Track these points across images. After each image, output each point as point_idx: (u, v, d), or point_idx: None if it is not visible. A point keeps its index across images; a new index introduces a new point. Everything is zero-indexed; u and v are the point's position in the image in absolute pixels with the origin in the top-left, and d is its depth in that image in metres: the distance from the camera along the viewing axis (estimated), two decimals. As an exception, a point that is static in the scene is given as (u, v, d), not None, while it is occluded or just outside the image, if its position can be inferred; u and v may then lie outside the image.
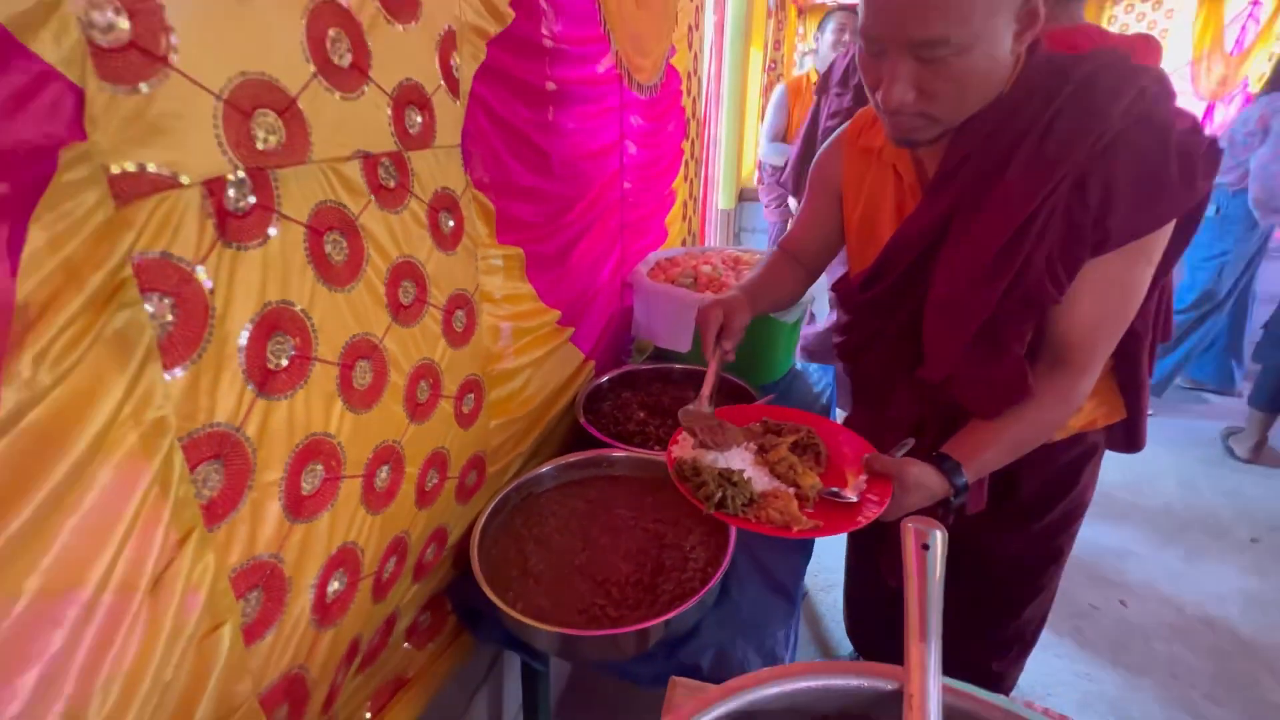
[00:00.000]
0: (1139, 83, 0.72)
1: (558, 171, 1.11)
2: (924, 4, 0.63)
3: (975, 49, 0.66)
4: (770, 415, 0.95)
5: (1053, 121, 0.72)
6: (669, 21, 1.51)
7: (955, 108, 0.71)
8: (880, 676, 0.43)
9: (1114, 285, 0.75)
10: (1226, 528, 2.11)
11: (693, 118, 2.05)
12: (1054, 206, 0.71)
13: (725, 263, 1.65)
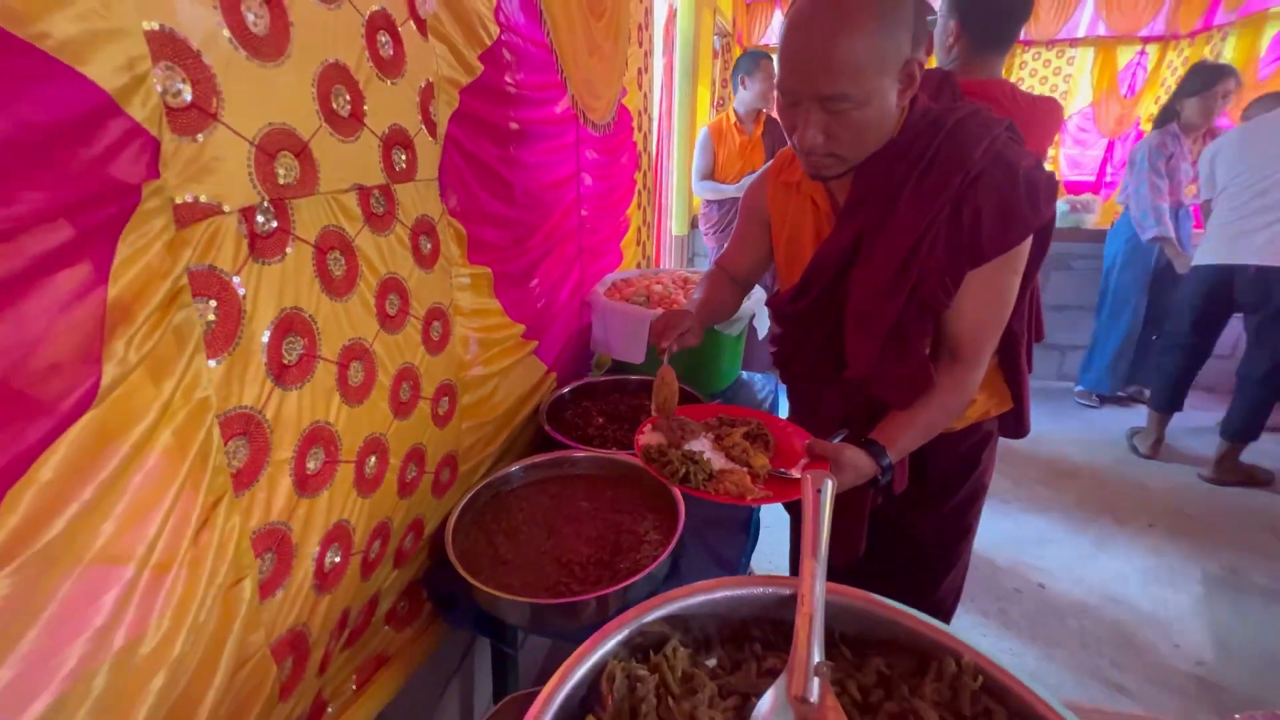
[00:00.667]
0: (993, 131, 0.91)
1: (521, 201, 1.24)
2: (829, 67, 0.79)
3: (869, 103, 0.82)
4: (724, 412, 1.08)
5: (931, 161, 0.88)
6: (620, 67, 1.67)
7: (856, 149, 0.88)
8: (781, 585, 0.55)
9: (990, 291, 0.92)
10: (1129, 515, 2.36)
11: (644, 151, 2.23)
12: (938, 230, 0.88)
13: (675, 282, 1.80)
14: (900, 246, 0.89)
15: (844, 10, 0.77)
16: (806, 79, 0.81)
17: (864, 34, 0.77)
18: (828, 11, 0.78)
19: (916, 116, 0.90)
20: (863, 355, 0.97)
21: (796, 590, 0.54)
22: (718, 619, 0.56)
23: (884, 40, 0.78)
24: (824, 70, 0.79)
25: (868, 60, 0.78)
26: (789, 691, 0.47)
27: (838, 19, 0.78)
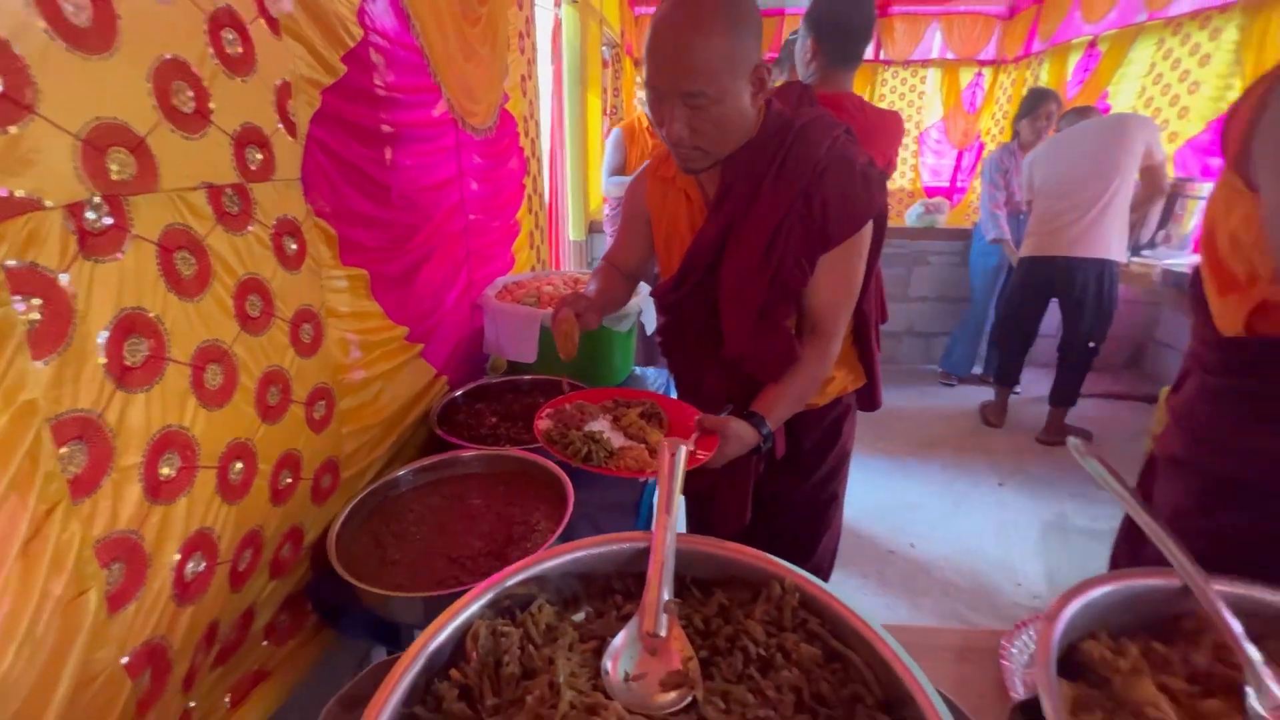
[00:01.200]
0: (834, 132, 1.04)
1: (397, 202, 1.23)
2: (687, 65, 0.88)
3: (725, 102, 0.91)
4: (619, 395, 1.14)
5: (785, 157, 1.00)
6: (499, 73, 1.70)
7: (718, 144, 0.97)
8: (637, 540, 0.61)
9: (841, 272, 1.04)
10: (982, 477, 2.68)
11: (532, 156, 2.26)
12: (793, 219, 0.99)
13: (567, 283, 1.85)
14: (763, 233, 1.00)
15: (699, 16, 0.87)
16: (668, 76, 0.90)
17: (716, 37, 0.87)
18: (686, 16, 0.87)
19: (772, 118, 1.02)
20: (738, 334, 1.07)
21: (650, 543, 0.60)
22: (582, 577, 0.61)
23: (734, 45, 0.88)
24: (682, 68, 0.88)
25: (720, 62, 0.88)
26: (640, 628, 0.53)
27: (694, 23, 0.87)
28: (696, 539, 0.62)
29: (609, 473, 0.94)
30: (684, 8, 0.89)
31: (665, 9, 0.90)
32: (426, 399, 1.38)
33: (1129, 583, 0.56)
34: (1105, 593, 0.55)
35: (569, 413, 1.06)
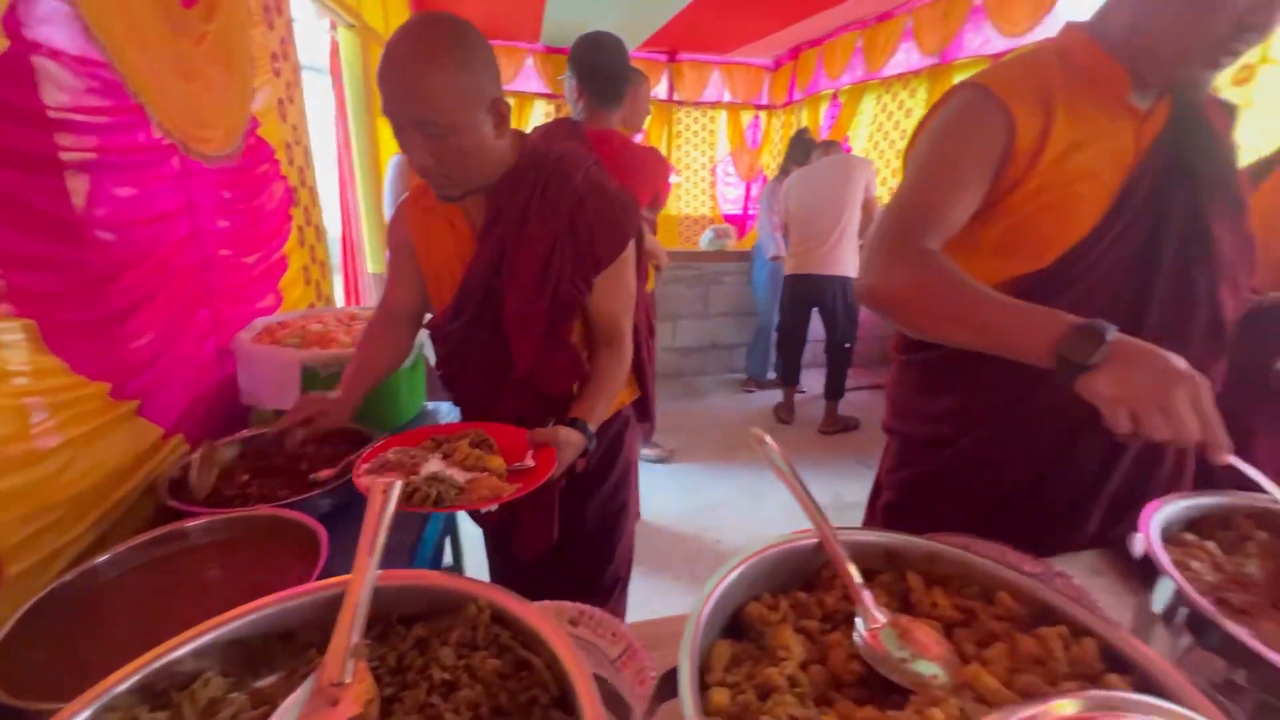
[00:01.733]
0: (585, 164, 1.12)
1: (90, 239, 1.06)
2: (415, 96, 0.89)
3: (463, 133, 0.94)
4: (435, 433, 1.09)
5: (545, 186, 1.06)
6: (240, 96, 1.55)
7: (465, 172, 1.00)
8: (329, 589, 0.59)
9: (618, 286, 1.14)
10: (776, 470, 3.01)
11: (301, 185, 2.09)
12: (563, 242, 1.06)
13: (341, 320, 1.73)
14: (537, 256, 1.05)
15: (427, 48, 0.89)
16: (398, 106, 0.91)
17: (444, 70, 0.89)
18: (413, 48, 0.89)
19: (528, 150, 1.07)
20: (527, 354, 1.10)
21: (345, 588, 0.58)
22: (268, 635, 0.56)
23: (463, 78, 0.91)
24: (412, 98, 0.89)
25: (450, 94, 0.90)
26: (321, 680, 0.50)
27: (421, 55, 0.89)
28: (400, 573, 0.61)
29: (466, 508, 0.90)
30: (411, 40, 0.90)
31: (395, 39, 0.91)
32: (150, 464, 1.19)
33: (782, 547, 0.67)
34: (763, 559, 0.65)
35: (394, 461, 0.99)
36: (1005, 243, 0.89)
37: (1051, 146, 0.83)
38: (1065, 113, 0.84)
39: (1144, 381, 0.64)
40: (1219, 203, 0.86)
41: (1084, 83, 0.85)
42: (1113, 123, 0.84)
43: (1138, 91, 0.84)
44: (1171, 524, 0.74)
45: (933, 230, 0.86)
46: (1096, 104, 0.84)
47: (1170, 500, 0.73)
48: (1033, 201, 0.85)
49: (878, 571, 0.68)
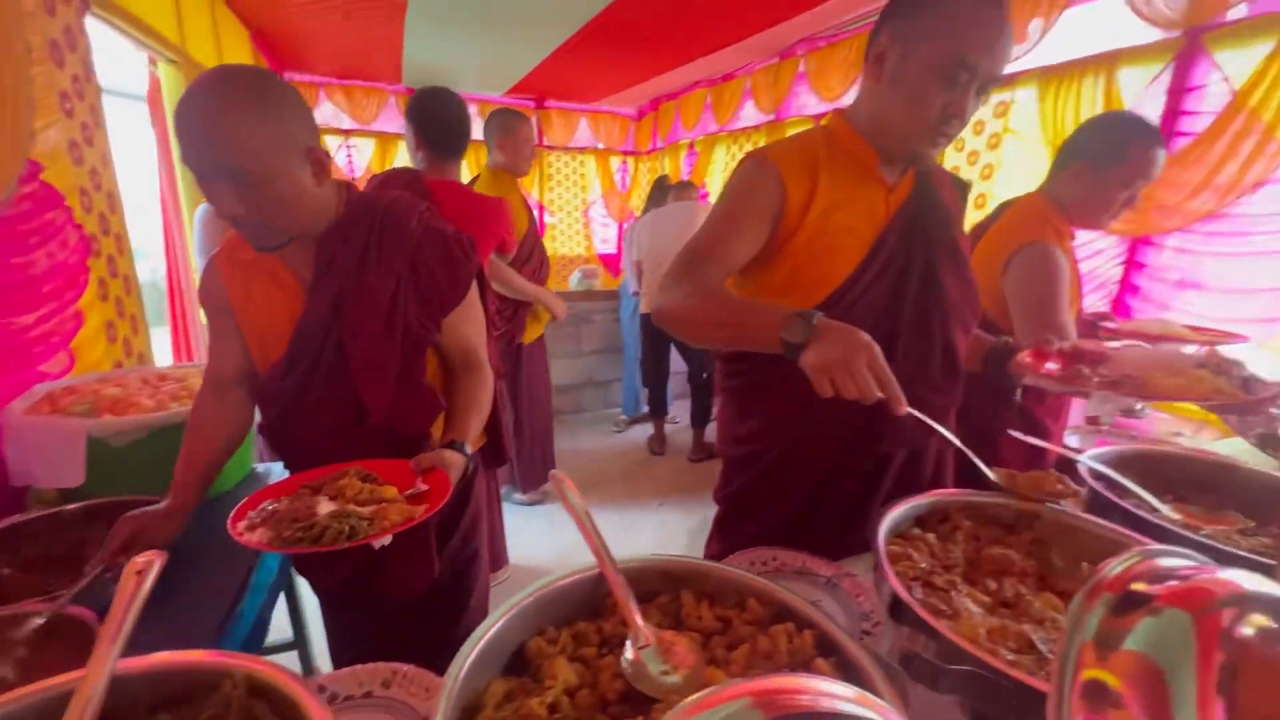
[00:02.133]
0: (418, 208, 1.13)
1: None
2: (223, 144, 0.86)
3: (275, 181, 0.91)
4: (305, 480, 1.02)
5: (381, 232, 1.06)
6: (15, 140, 1.40)
7: (284, 220, 0.97)
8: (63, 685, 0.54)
9: (466, 318, 1.16)
10: (647, 498, 3.09)
11: (104, 233, 1.90)
12: (406, 285, 1.07)
13: (147, 381, 1.56)
14: (381, 301, 1.04)
15: (230, 95, 0.87)
16: (204, 154, 0.88)
17: (250, 116, 0.87)
18: (217, 96, 0.87)
19: (355, 199, 1.07)
20: (381, 399, 1.07)
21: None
22: None
23: (270, 124, 0.89)
24: (218, 147, 0.87)
25: (258, 140, 0.88)
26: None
27: (226, 103, 0.87)
28: (146, 658, 0.57)
29: (381, 536, 0.86)
30: (216, 87, 0.88)
31: (195, 88, 0.88)
32: None
33: (563, 582, 0.71)
34: (542, 596, 0.69)
35: (284, 509, 0.92)
36: (787, 283, 1.06)
37: (816, 205, 1.02)
38: (827, 179, 1.02)
39: (835, 352, 0.79)
40: (946, 258, 1.08)
41: (843, 157, 1.04)
42: (866, 189, 1.05)
43: (885, 166, 1.05)
44: (903, 522, 0.88)
45: (713, 265, 1.02)
46: (853, 174, 1.04)
47: (900, 503, 0.87)
48: (805, 250, 1.03)
49: (657, 593, 0.74)
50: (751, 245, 1.04)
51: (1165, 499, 1.03)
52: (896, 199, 1.06)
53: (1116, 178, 1.38)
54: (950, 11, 0.90)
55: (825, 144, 1.05)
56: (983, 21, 0.90)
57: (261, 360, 1.13)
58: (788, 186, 1.01)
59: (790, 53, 4.05)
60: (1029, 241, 1.40)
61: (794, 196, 1.01)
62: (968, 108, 0.94)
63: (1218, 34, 1.95)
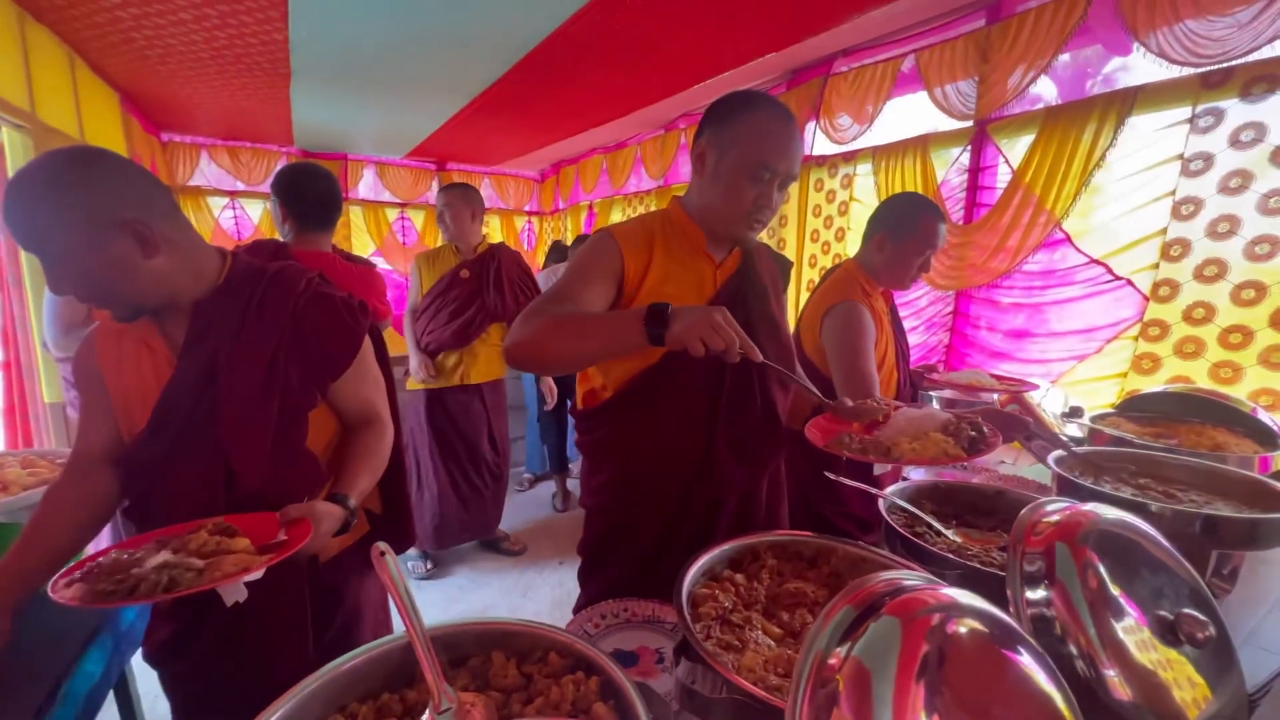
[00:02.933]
0: (308, 275, 1.14)
1: None
2: (16, 227, 0.90)
3: (83, 255, 0.91)
4: (162, 535, 0.96)
5: (263, 298, 1.06)
6: None
7: (115, 293, 0.96)
8: None
9: (363, 375, 1.18)
10: (546, 559, 3.05)
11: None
12: (287, 350, 1.06)
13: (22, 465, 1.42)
14: (257, 365, 1.04)
15: (20, 182, 0.89)
16: (18, 239, 0.91)
17: (34, 201, 0.89)
18: (13, 182, 0.89)
19: (240, 267, 1.08)
20: (254, 467, 1.04)
21: None
22: None
23: (59, 206, 0.89)
24: (12, 230, 0.89)
25: (43, 221, 0.89)
26: None
27: (14, 189, 0.88)
28: None
29: (216, 584, 0.82)
30: (17, 175, 0.89)
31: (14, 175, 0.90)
32: None
33: (372, 653, 0.73)
34: (344, 670, 0.70)
35: (107, 564, 0.85)
36: None
37: (651, 276, 1.15)
38: (662, 254, 1.16)
39: (696, 317, 0.89)
40: (763, 324, 1.23)
41: (677, 236, 1.19)
42: (696, 264, 1.19)
43: (712, 245, 1.19)
44: (717, 564, 0.96)
45: (565, 306, 1.08)
46: (684, 251, 1.18)
47: (710, 548, 0.96)
48: None
49: (469, 656, 0.77)
50: (601, 299, 1.13)
51: (951, 524, 1.18)
52: (723, 273, 1.21)
53: (910, 247, 1.64)
54: (752, 124, 1.08)
55: (662, 225, 1.19)
56: (775, 133, 1.08)
57: (127, 429, 1.07)
58: (625, 258, 1.14)
59: (673, 125, 4.40)
60: (838, 301, 1.62)
61: (631, 267, 1.14)
62: (773, 199, 1.12)
63: (999, 124, 2.36)
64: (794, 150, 1.10)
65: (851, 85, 2.94)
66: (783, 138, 1.08)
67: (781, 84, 3.46)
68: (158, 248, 0.98)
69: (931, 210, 1.64)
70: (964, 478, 1.74)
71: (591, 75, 3.40)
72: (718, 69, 3.29)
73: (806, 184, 3.30)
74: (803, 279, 3.37)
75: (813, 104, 3.16)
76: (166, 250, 0.99)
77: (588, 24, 2.67)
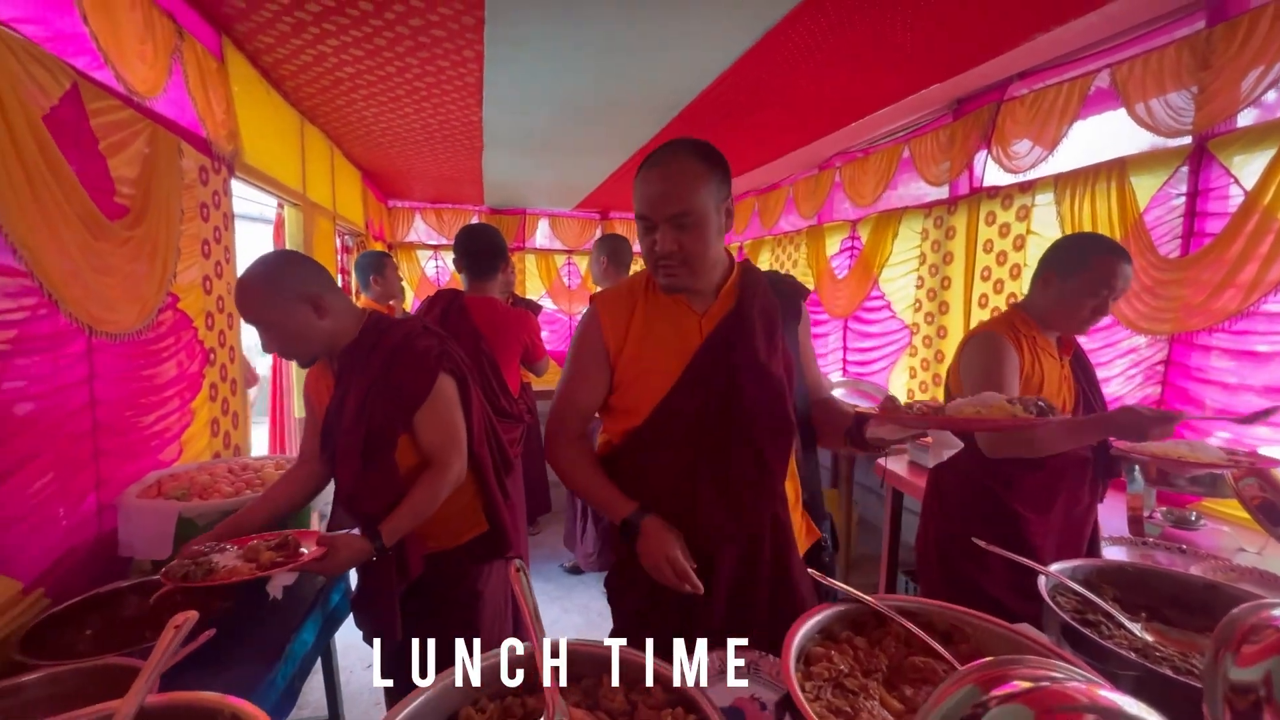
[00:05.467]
0: (410, 327, 1.46)
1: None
2: (242, 304, 1.35)
3: (284, 322, 1.36)
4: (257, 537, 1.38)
5: (372, 348, 1.41)
6: (156, 281, 1.80)
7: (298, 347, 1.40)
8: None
9: (436, 421, 1.42)
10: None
11: (220, 346, 2.32)
12: (378, 388, 1.37)
13: (233, 471, 1.87)
14: (355, 402, 1.38)
15: (246, 277, 1.36)
16: (244, 315, 1.37)
17: (254, 289, 1.35)
18: (241, 279, 1.36)
19: (370, 324, 1.43)
20: (348, 477, 1.41)
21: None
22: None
23: (268, 290, 1.35)
24: (240, 308, 1.38)
25: (258, 301, 1.36)
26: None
27: (240, 283, 1.35)
28: (167, 695, 0.74)
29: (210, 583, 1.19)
30: (244, 273, 1.34)
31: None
32: (6, 618, 1.26)
33: (500, 658, 0.82)
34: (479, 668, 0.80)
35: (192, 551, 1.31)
36: (619, 407, 1.25)
37: (632, 337, 1.20)
38: (643, 312, 1.21)
39: (651, 557, 1.11)
40: (748, 371, 1.17)
41: (656, 293, 1.22)
42: (678, 318, 1.20)
43: (692, 298, 1.19)
44: (836, 622, 0.92)
45: (570, 418, 1.28)
46: (666, 307, 1.21)
47: (828, 607, 0.92)
48: (628, 372, 1.21)
49: (584, 674, 0.83)
50: (596, 387, 1.25)
51: (1140, 617, 1.00)
52: (709, 322, 1.19)
53: (1080, 285, 1.46)
54: (636, 185, 1.14)
55: (645, 284, 1.24)
56: (641, 184, 1.12)
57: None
58: (605, 331, 1.22)
59: (828, 164, 4.33)
60: (977, 332, 1.53)
61: (611, 338, 1.22)
62: (662, 242, 1.09)
63: (1225, 139, 1.98)
64: (657, 193, 1.08)
65: (1030, 109, 2.68)
66: (647, 184, 1.10)
67: (946, 114, 3.25)
68: (326, 312, 1.37)
69: (1107, 247, 1.46)
70: (1169, 562, 1.44)
71: (744, 122, 3.50)
72: (875, 106, 3.21)
73: (976, 218, 3.03)
74: (971, 319, 3.07)
75: (983, 132, 2.92)
76: (331, 314, 1.38)
77: (737, 79, 2.79)
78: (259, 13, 2.20)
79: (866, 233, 3.88)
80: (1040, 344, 1.54)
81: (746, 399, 1.16)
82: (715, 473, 1.17)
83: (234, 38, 2.42)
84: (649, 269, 1.18)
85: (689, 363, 1.17)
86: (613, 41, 2.45)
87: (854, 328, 4.20)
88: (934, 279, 3.35)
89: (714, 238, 1.12)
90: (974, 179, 3.12)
